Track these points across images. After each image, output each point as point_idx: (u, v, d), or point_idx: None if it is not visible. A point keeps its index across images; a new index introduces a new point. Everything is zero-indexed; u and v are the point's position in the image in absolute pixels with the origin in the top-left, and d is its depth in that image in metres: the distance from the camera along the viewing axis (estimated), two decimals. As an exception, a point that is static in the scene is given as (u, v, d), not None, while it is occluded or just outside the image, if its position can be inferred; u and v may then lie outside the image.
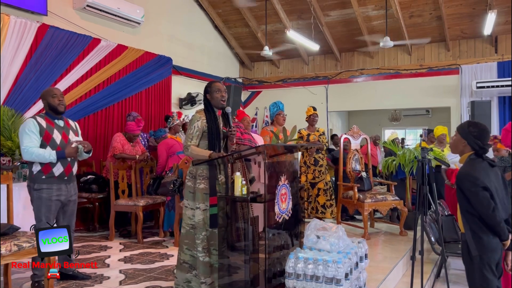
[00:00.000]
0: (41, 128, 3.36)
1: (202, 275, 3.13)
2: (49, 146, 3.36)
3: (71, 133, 3.56)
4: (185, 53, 8.48)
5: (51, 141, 3.38)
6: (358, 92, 9.57)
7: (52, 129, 3.42)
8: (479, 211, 2.51)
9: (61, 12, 6.03)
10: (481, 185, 2.49)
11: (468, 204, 2.55)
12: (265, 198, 3.00)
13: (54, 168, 3.39)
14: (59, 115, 3.51)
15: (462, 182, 2.56)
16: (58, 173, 3.42)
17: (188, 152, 3.22)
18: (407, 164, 5.64)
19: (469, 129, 2.64)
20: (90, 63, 6.32)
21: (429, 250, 4.56)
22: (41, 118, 3.43)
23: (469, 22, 8.17)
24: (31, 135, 3.31)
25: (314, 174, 5.98)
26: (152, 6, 7.55)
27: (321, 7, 8.34)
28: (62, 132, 3.48)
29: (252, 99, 10.52)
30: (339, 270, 2.79)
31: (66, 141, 3.46)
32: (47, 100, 3.47)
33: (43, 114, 3.51)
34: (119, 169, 5.48)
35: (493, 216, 2.47)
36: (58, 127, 3.48)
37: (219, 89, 3.28)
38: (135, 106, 7.08)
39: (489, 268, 2.55)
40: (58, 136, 3.43)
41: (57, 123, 3.48)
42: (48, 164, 3.36)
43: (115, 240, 5.26)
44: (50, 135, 3.39)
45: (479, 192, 2.48)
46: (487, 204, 2.47)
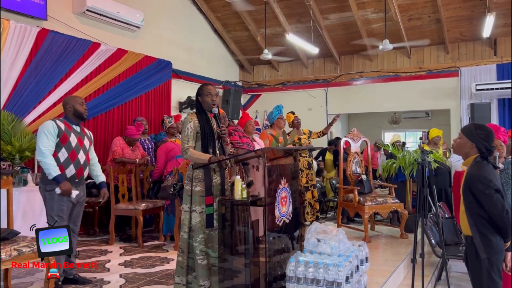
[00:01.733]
0: (60, 131, 3.48)
1: (200, 278, 3.14)
2: (64, 147, 3.48)
3: (86, 140, 3.70)
4: (185, 57, 8.50)
5: (66, 144, 3.50)
6: (358, 95, 9.58)
7: (70, 132, 3.55)
8: (492, 213, 2.48)
9: (61, 16, 6.05)
10: (494, 187, 2.47)
11: (478, 206, 2.53)
12: (265, 201, 3.00)
13: (67, 169, 3.49)
14: (79, 122, 3.66)
15: (474, 184, 2.53)
16: (70, 174, 3.51)
17: (187, 155, 3.22)
18: (407, 166, 5.64)
19: (477, 132, 2.63)
20: (90, 68, 6.33)
21: (430, 252, 4.55)
22: (60, 121, 3.56)
23: (468, 24, 8.19)
24: (49, 137, 3.43)
25: (308, 178, 5.99)
26: (151, 10, 7.57)
27: (320, 10, 8.36)
28: (78, 137, 3.61)
29: (252, 102, 10.53)
30: (339, 273, 2.78)
31: (81, 145, 3.59)
32: (73, 107, 3.61)
33: (61, 118, 3.63)
34: (119, 173, 5.48)
35: (507, 218, 2.46)
36: (75, 132, 3.61)
37: (210, 92, 3.31)
38: (135, 110, 7.08)
39: (497, 270, 2.53)
40: (74, 140, 3.56)
41: (74, 128, 3.62)
42: (61, 165, 3.46)
43: (115, 244, 5.25)
44: (67, 138, 3.51)
45: (493, 195, 2.46)
46: (501, 206, 2.46)
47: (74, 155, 3.53)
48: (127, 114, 6.88)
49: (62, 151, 3.47)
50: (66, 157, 3.49)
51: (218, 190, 3.25)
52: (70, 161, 3.50)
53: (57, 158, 3.46)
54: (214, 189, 3.22)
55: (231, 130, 5.56)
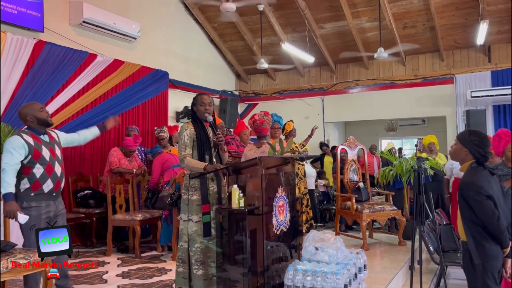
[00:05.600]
0: (30, 147, 3.20)
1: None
2: (38, 162, 3.22)
3: (57, 148, 3.42)
4: (181, 67, 8.53)
5: (40, 159, 3.23)
6: (354, 103, 9.62)
7: (40, 146, 3.26)
8: (483, 220, 2.50)
9: (57, 28, 6.08)
10: (485, 193, 2.49)
11: (471, 212, 2.54)
12: (262, 210, 3.00)
13: (44, 184, 3.26)
14: (43, 129, 3.36)
15: (466, 191, 2.56)
16: (48, 189, 3.27)
17: (184, 164, 3.23)
18: (404, 173, 5.66)
19: (470, 138, 2.66)
20: (87, 79, 6.35)
21: (428, 259, 4.54)
22: (26, 135, 3.24)
23: (462, 32, 8.27)
24: (14, 154, 3.14)
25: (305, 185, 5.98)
26: (148, 21, 7.61)
27: (315, 19, 8.43)
28: (49, 148, 3.33)
29: (249, 111, 10.55)
30: (338, 281, 2.78)
31: (54, 157, 3.33)
32: (34, 116, 3.29)
33: (26, 130, 3.31)
34: (116, 184, 5.47)
35: (498, 225, 2.47)
36: (45, 143, 3.32)
37: (204, 102, 3.35)
38: (132, 120, 7.09)
39: (491, 276, 2.53)
40: (47, 153, 3.29)
41: (43, 139, 3.32)
42: (38, 181, 3.23)
43: (112, 255, 5.22)
44: (40, 152, 3.23)
45: (484, 201, 2.48)
46: (492, 213, 2.47)
47: (50, 169, 3.27)
48: (124, 125, 6.87)
49: (36, 166, 3.21)
50: (42, 171, 3.23)
51: (214, 198, 3.26)
52: (47, 175, 3.25)
53: (32, 174, 3.20)
54: (210, 197, 3.22)
55: (228, 140, 5.57)
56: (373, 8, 7.87)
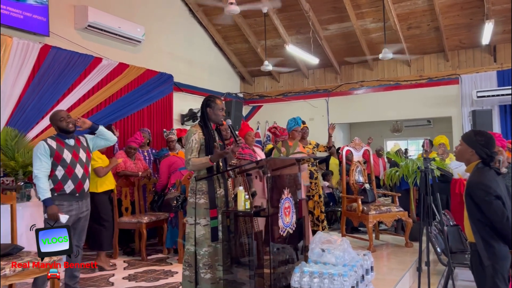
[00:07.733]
0: (51, 150, 3.46)
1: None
2: (60, 164, 3.46)
3: (82, 152, 3.64)
4: (186, 70, 8.55)
5: (61, 161, 3.48)
6: (359, 104, 9.59)
7: (62, 149, 3.51)
8: (492, 220, 2.47)
9: (62, 32, 6.11)
10: (494, 193, 2.47)
11: (479, 213, 2.52)
12: (268, 212, 3.00)
13: (66, 185, 3.49)
14: (69, 135, 3.61)
15: (474, 191, 2.53)
16: (69, 189, 3.50)
17: (189, 166, 3.21)
18: (411, 174, 5.63)
19: (476, 138, 2.64)
20: (92, 82, 6.38)
21: (435, 261, 4.50)
22: (51, 140, 3.53)
23: (467, 32, 8.23)
24: (42, 159, 3.42)
25: (310, 187, 5.97)
26: (152, 25, 7.64)
27: (319, 21, 8.42)
28: (72, 151, 3.57)
29: (253, 114, 10.56)
30: (345, 283, 2.76)
31: (76, 159, 3.56)
32: (56, 125, 3.59)
33: (54, 136, 3.60)
34: (122, 186, 5.48)
35: (507, 224, 2.45)
36: (69, 146, 3.57)
37: (223, 108, 3.34)
38: (137, 123, 7.11)
39: (501, 277, 2.51)
40: (68, 155, 3.52)
41: (67, 143, 3.58)
42: (60, 182, 3.47)
43: (119, 258, 5.24)
44: (61, 155, 3.48)
45: (493, 201, 2.46)
46: (501, 213, 2.45)
47: (70, 170, 3.50)
48: (129, 128, 6.90)
49: (58, 168, 3.47)
50: (63, 173, 3.47)
51: (222, 202, 3.24)
52: (68, 177, 3.49)
53: (55, 175, 3.46)
54: (218, 201, 3.21)
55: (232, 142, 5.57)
56: (377, 9, 7.86)
